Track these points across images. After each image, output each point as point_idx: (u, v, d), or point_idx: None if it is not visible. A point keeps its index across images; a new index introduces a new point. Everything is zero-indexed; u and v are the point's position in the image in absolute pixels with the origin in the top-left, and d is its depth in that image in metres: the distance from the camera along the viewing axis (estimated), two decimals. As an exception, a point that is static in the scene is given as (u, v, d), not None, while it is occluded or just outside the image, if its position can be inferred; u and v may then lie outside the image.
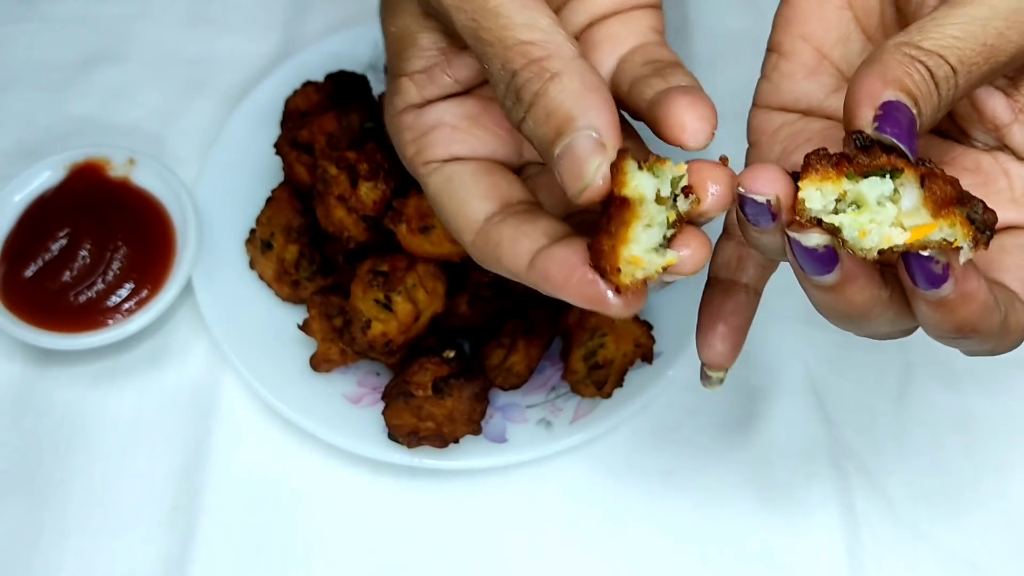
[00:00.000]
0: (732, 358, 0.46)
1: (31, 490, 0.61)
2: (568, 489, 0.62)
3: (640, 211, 0.35)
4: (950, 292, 0.35)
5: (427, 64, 0.43)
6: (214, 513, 0.61)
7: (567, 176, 0.37)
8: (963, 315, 0.36)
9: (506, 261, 0.39)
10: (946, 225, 0.33)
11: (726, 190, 0.37)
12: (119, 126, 0.75)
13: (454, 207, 0.42)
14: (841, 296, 0.37)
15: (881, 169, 0.34)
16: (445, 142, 0.43)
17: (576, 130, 0.36)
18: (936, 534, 0.61)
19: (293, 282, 0.65)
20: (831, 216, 0.35)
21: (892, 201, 0.34)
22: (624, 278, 0.35)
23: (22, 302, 0.63)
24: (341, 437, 0.61)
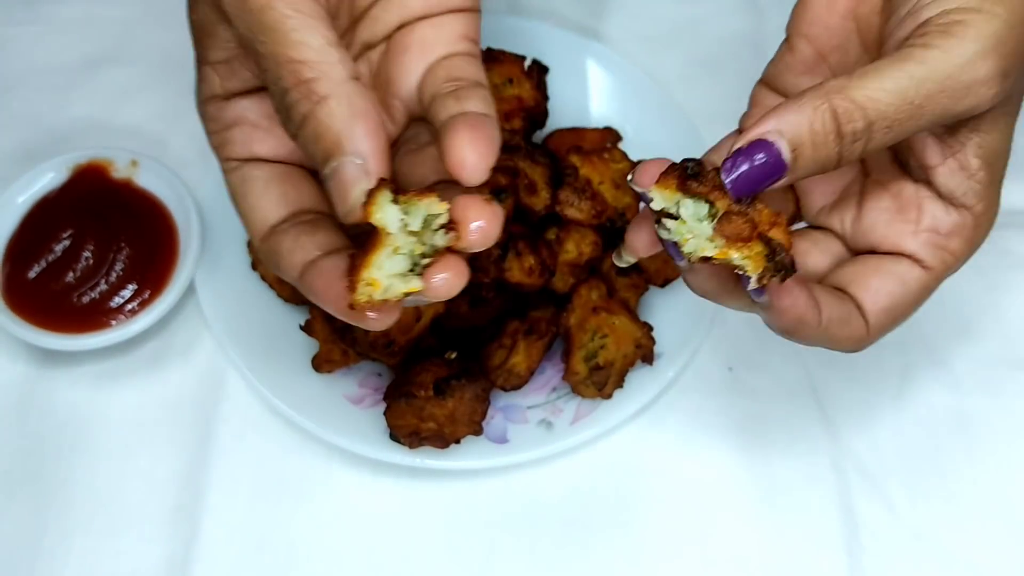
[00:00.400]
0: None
1: (35, 490, 0.61)
2: (569, 490, 0.62)
3: (385, 240, 0.37)
4: (767, 303, 0.42)
5: (226, 56, 0.44)
6: (217, 513, 0.61)
7: (335, 197, 0.39)
8: (781, 322, 0.43)
9: (283, 268, 0.42)
10: (737, 256, 0.39)
11: (490, 226, 0.39)
12: (122, 128, 0.75)
13: (246, 209, 0.44)
14: (693, 278, 0.44)
15: (699, 196, 0.39)
16: (245, 140, 0.44)
17: (343, 155, 0.38)
18: (935, 535, 0.61)
19: (295, 283, 0.65)
20: (669, 221, 0.40)
21: (709, 219, 0.39)
22: (359, 297, 0.37)
23: (25, 303, 0.63)
24: (343, 437, 0.61)
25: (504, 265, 0.59)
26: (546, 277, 0.60)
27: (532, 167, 0.63)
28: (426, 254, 0.38)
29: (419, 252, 0.38)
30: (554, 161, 0.64)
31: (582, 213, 0.62)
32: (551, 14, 0.82)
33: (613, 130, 0.73)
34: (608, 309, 0.61)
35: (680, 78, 0.79)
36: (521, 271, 0.59)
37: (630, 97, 0.75)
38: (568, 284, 0.63)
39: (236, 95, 0.45)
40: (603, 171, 0.64)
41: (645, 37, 0.81)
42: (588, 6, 0.83)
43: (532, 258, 0.59)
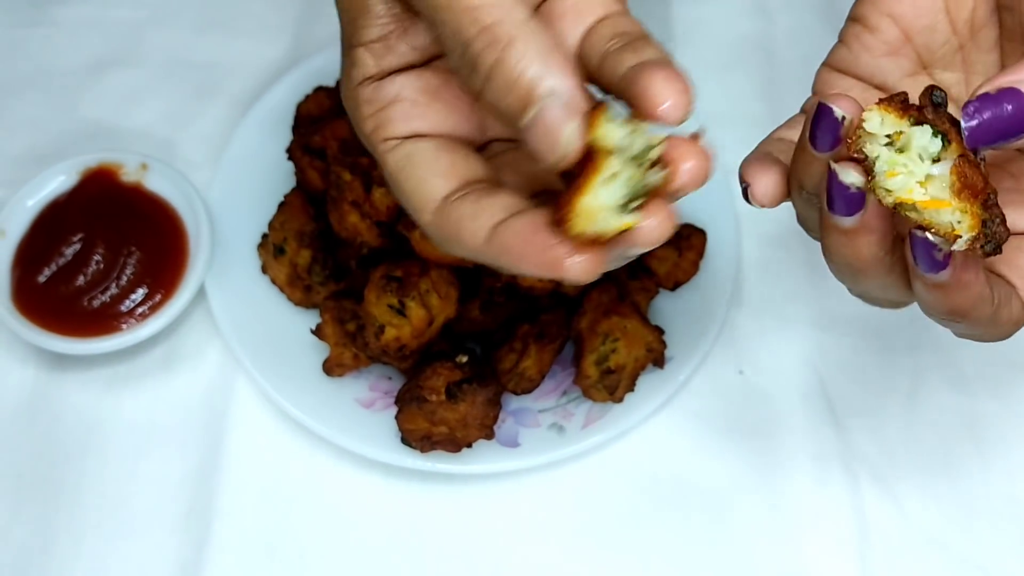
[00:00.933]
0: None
1: (45, 494, 0.61)
2: (580, 493, 0.62)
3: (604, 162, 0.34)
4: (946, 279, 0.37)
5: (382, 32, 0.41)
6: (228, 517, 0.61)
7: (541, 146, 0.36)
8: (956, 301, 0.38)
9: (465, 238, 0.38)
10: (958, 211, 0.34)
11: (701, 166, 0.36)
12: (130, 130, 0.75)
13: (412, 185, 0.41)
14: (852, 243, 0.39)
15: (936, 128, 0.35)
16: (404, 118, 0.42)
17: (542, 98, 0.35)
18: (947, 538, 0.61)
19: (305, 287, 0.65)
20: (875, 147, 0.36)
21: (934, 160, 0.35)
22: (574, 227, 0.34)
23: (36, 307, 0.63)
24: (354, 441, 0.61)
25: (516, 269, 0.59)
26: (557, 281, 0.60)
27: (543, 170, 0.62)
28: (636, 194, 0.35)
29: (637, 183, 0.35)
30: (565, 164, 0.64)
31: (593, 217, 0.62)
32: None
33: (622, 133, 0.73)
34: (619, 313, 0.61)
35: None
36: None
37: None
38: (579, 288, 0.63)
39: (391, 73, 0.42)
40: (614, 174, 0.64)
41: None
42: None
43: (544, 262, 0.59)
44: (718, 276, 0.67)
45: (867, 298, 0.44)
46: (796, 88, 0.78)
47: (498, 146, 0.44)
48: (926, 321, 0.69)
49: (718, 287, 0.67)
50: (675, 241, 0.66)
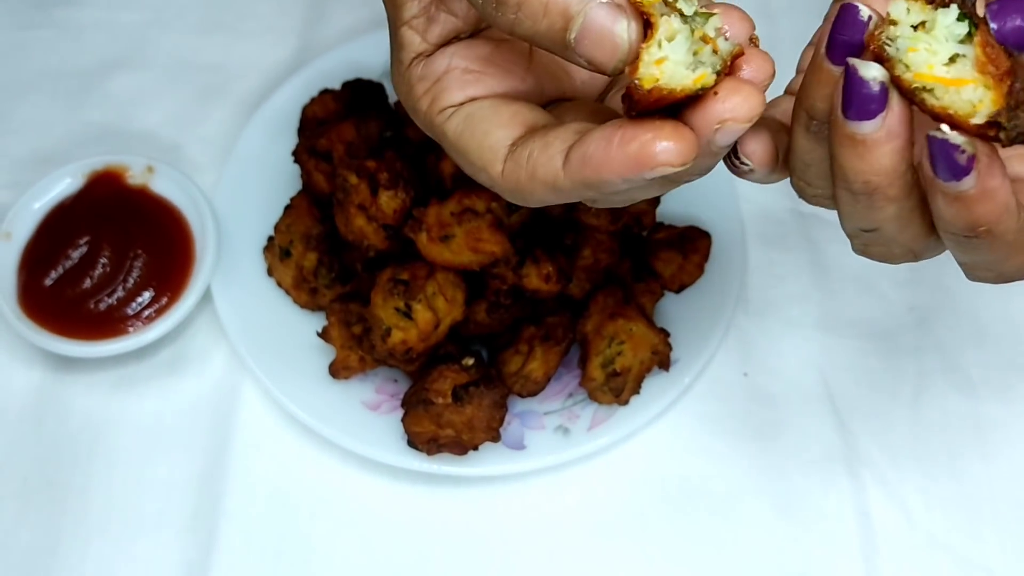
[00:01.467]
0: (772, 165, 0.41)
1: (52, 496, 0.61)
2: (586, 495, 0.63)
3: (658, 21, 0.34)
4: (971, 187, 0.34)
5: (421, 6, 0.41)
6: (234, 519, 0.61)
7: (599, 55, 0.34)
8: (981, 212, 0.35)
9: (540, 172, 0.37)
10: (982, 86, 0.33)
11: (766, 65, 0.36)
12: (136, 133, 0.76)
13: (477, 141, 0.39)
14: (869, 155, 0.35)
15: (962, 12, 0.33)
16: (459, 86, 0.41)
17: (580, 7, 0.34)
18: (952, 541, 0.61)
19: (311, 290, 0.66)
20: (900, 32, 0.34)
21: (958, 42, 0.34)
22: (643, 80, 0.33)
23: (42, 310, 0.64)
24: (360, 444, 0.61)
25: (522, 271, 0.59)
26: (563, 283, 0.60)
27: (549, 174, 0.62)
28: (710, 63, 0.34)
29: (703, 39, 0.34)
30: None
31: (600, 220, 0.62)
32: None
33: (627, 135, 0.73)
34: (625, 315, 0.61)
35: (693, 83, 0.79)
36: (539, 277, 0.59)
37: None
38: (584, 290, 0.63)
39: (440, 46, 0.41)
40: (620, 177, 0.64)
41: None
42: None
43: (549, 265, 0.59)
44: (723, 279, 0.67)
45: (878, 242, 0.40)
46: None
47: (557, 108, 0.43)
48: (931, 324, 0.70)
49: (723, 290, 0.67)
50: (680, 244, 0.66)
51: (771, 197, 0.73)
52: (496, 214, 0.58)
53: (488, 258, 0.58)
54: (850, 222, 0.40)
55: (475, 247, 0.58)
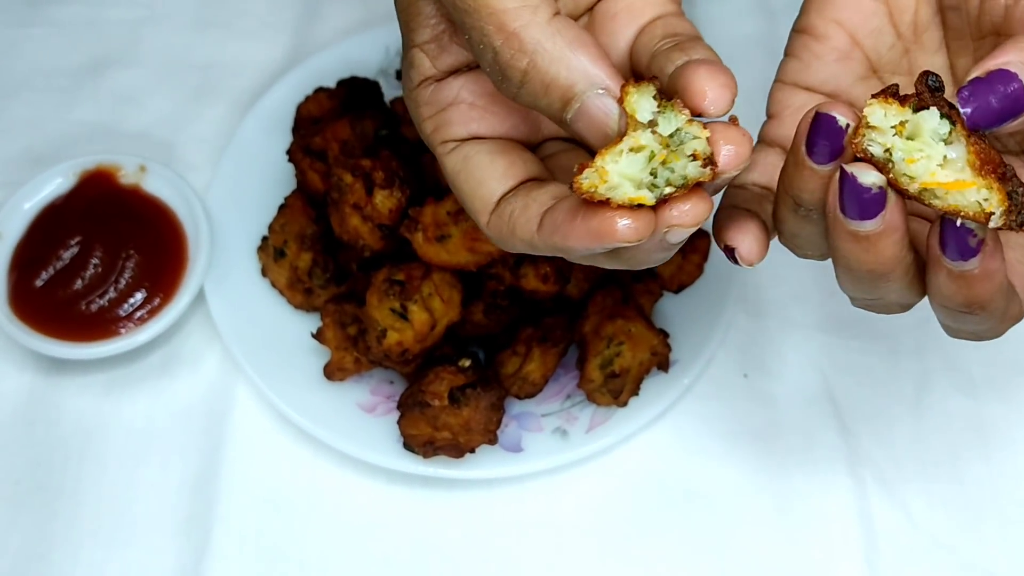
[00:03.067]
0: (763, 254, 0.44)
1: (43, 500, 0.61)
2: (584, 498, 0.62)
3: (631, 128, 0.36)
4: (975, 267, 0.37)
5: (434, 33, 0.42)
6: (228, 523, 0.60)
7: (590, 136, 0.38)
8: (978, 291, 0.38)
9: (519, 230, 0.40)
10: (983, 188, 0.34)
11: (742, 149, 0.37)
12: (128, 132, 0.75)
13: (471, 188, 0.42)
14: (874, 247, 0.38)
15: (940, 110, 0.35)
16: (463, 120, 0.43)
17: (581, 93, 0.37)
18: (953, 542, 0.61)
19: (306, 290, 0.65)
20: (886, 139, 0.36)
21: (944, 142, 0.35)
22: (582, 183, 0.35)
23: (33, 311, 0.63)
24: (355, 446, 0.61)
25: (519, 272, 0.58)
26: (561, 284, 0.60)
27: (547, 173, 0.62)
28: (671, 182, 0.36)
29: (661, 172, 0.36)
30: (568, 166, 0.64)
31: (597, 219, 0.62)
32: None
33: (625, 134, 0.72)
34: (624, 316, 0.61)
35: (691, 81, 0.78)
36: (536, 278, 0.59)
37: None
38: (582, 291, 0.62)
39: (449, 75, 0.43)
40: (618, 176, 0.63)
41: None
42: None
43: (547, 265, 0.59)
44: (722, 279, 0.67)
45: (878, 305, 0.43)
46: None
47: (552, 146, 0.45)
48: (932, 324, 0.69)
49: (722, 290, 0.66)
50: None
51: (770, 197, 0.73)
52: (493, 213, 0.58)
53: (485, 258, 0.58)
54: (851, 294, 0.43)
55: (472, 247, 0.57)
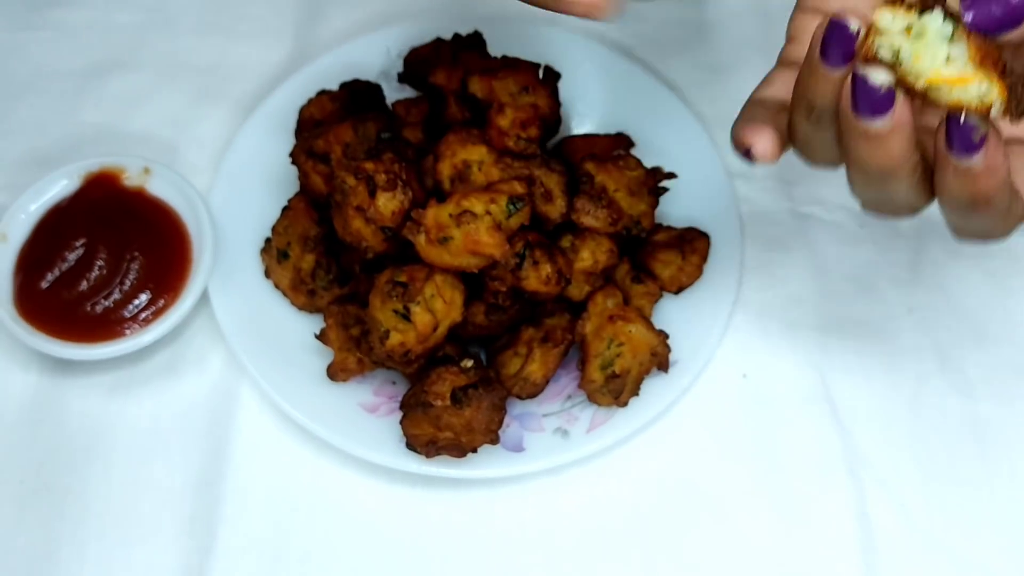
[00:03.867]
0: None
1: (49, 500, 0.61)
2: (585, 497, 0.62)
3: None
4: (979, 162, 0.40)
5: None
6: (232, 522, 0.61)
7: None
8: (983, 186, 0.41)
9: None
10: (984, 79, 0.38)
11: None
12: (132, 134, 0.75)
13: None
14: (883, 146, 0.41)
15: (945, 12, 0.38)
16: None
17: None
18: (951, 542, 0.61)
19: (309, 291, 0.65)
20: (895, 40, 0.39)
21: (948, 42, 0.38)
22: None
23: (38, 312, 0.63)
24: (358, 446, 0.61)
25: (521, 274, 0.59)
26: (563, 285, 0.60)
27: (548, 175, 0.62)
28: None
29: None
30: (569, 169, 0.64)
31: (598, 221, 0.62)
32: (560, 19, 0.82)
33: (625, 136, 0.73)
34: (624, 317, 0.61)
35: (690, 83, 0.79)
36: (538, 280, 0.59)
37: (640, 102, 0.75)
38: (583, 292, 0.63)
39: None
40: (618, 178, 0.64)
41: (654, 41, 0.81)
42: (598, 11, 0.82)
43: (549, 266, 0.59)
44: (721, 280, 0.67)
45: (887, 207, 0.46)
46: (798, 91, 0.79)
47: None
48: (930, 324, 0.70)
49: (721, 291, 0.67)
50: (679, 245, 0.66)
51: (769, 199, 0.73)
52: (495, 216, 0.58)
53: (487, 260, 0.58)
54: (862, 195, 0.46)
55: (474, 249, 0.58)
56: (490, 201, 0.59)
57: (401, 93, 0.74)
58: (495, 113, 0.62)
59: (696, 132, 0.73)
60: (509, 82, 0.63)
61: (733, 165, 0.74)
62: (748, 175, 0.74)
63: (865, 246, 0.71)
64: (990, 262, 0.71)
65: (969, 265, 0.71)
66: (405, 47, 0.75)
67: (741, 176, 0.74)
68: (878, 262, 0.71)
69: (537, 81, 0.64)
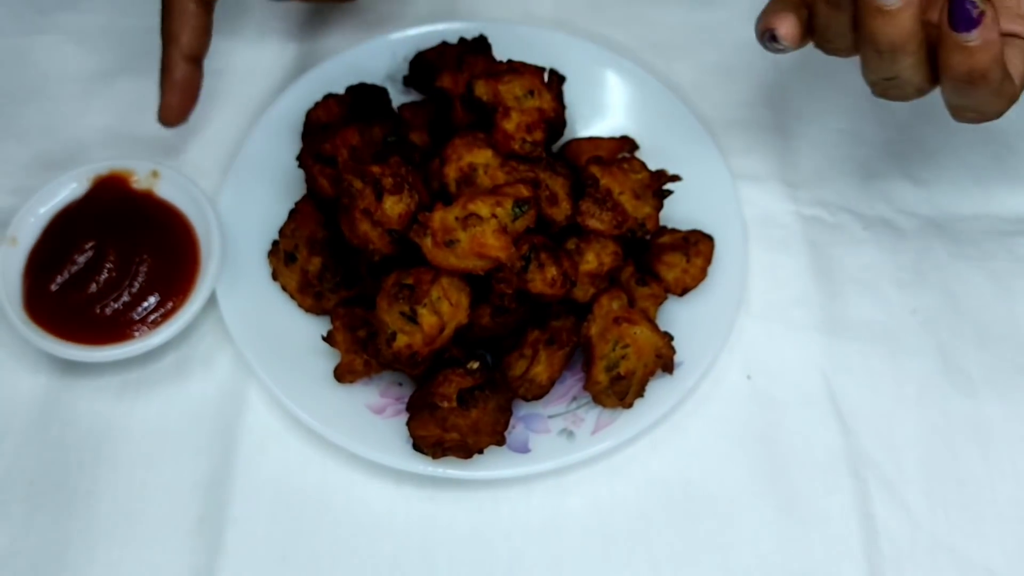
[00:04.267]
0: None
1: (58, 501, 0.62)
2: (590, 499, 0.63)
3: None
4: (976, 38, 0.48)
5: None
6: (240, 523, 0.61)
7: None
8: (979, 60, 0.49)
9: None
10: None
11: None
12: (139, 138, 0.75)
13: None
14: (894, 20, 0.49)
15: None
16: None
17: None
18: (955, 542, 0.62)
19: (316, 294, 0.66)
20: None
21: None
22: None
23: (47, 314, 0.64)
24: (365, 447, 0.61)
25: (527, 276, 0.59)
26: (568, 288, 0.61)
27: (553, 178, 0.63)
28: None
29: None
30: (574, 172, 0.64)
31: (603, 224, 0.63)
32: (565, 23, 0.82)
33: (630, 139, 0.73)
34: (629, 319, 0.62)
35: (694, 86, 0.79)
36: (544, 282, 0.60)
37: (644, 105, 0.75)
38: (589, 294, 0.63)
39: None
40: (623, 181, 0.64)
41: (658, 45, 0.81)
42: (602, 14, 0.83)
43: (555, 269, 0.60)
44: (726, 282, 0.68)
45: (895, 85, 0.54)
46: (801, 93, 0.80)
47: None
48: (933, 325, 0.70)
49: (726, 292, 0.67)
50: (683, 247, 0.67)
51: (773, 201, 0.74)
52: (501, 219, 0.59)
53: (493, 263, 0.59)
54: (874, 74, 0.54)
55: (480, 252, 0.58)
56: (496, 204, 0.59)
57: (406, 96, 0.75)
58: (501, 117, 0.63)
59: (700, 135, 0.74)
60: (514, 86, 0.63)
61: (737, 168, 0.74)
62: (752, 177, 0.75)
63: (868, 248, 0.72)
64: (993, 263, 0.71)
65: (972, 266, 0.71)
66: (410, 51, 0.76)
67: (745, 178, 0.74)
68: (881, 264, 0.71)
69: (542, 85, 0.64)
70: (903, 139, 0.77)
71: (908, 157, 0.76)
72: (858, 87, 0.79)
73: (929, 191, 0.75)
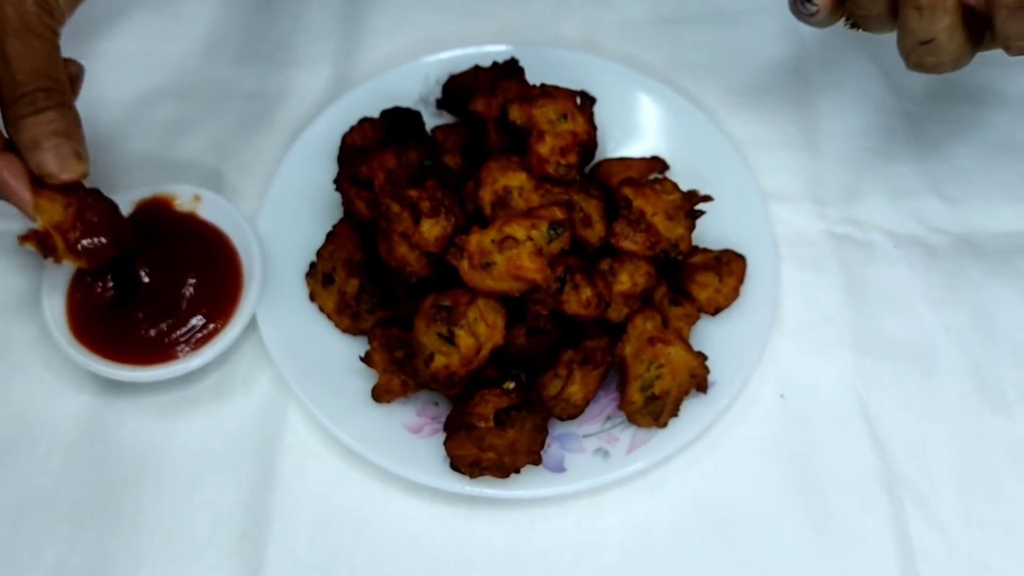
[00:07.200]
0: None
1: (102, 520, 0.63)
2: (625, 518, 0.63)
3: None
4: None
5: None
6: (281, 541, 0.62)
7: None
8: None
9: None
10: None
11: None
12: (177, 162, 0.77)
13: None
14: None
15: None
16: None
17: None
18: (990, 560, 0.62)
19: (353, 314, 0.67)
20: None
21: None
22: None
23: (92, 334, 0.65)
24: (403, 466, 0.62)
25: (562, 297, 0.60)
26: (602, 308, 0.61)
27: (587, 200, 0.64)
28: None
29: None
30: (607, 194, 0.65)
31: (637, 245, 0.63)
32: (594, 45, 0.83)
33: (661, 159, 0.74)
34: (664, 339, 0.62)
35: (723, 105, 0.80)
36: (579, 303, 0.60)
37: (674, 125, 0.76)
38: (623, 314, 0.64)
39: None
40: (655, 202, 0.65)
41: (687, 65, 0.82)
42: (631, 36, 0.84)
43: (589, 290, 0.60)
44: (758, 301, 0.68)
45: (931, 54, 0.54)
46: (831, 111, 0.80)
47: None
48: (966, 344, 0.70)
49: (759, 312, 0.68)
50: (716, 267, 0.67)
51: (804, 220, 0.74)
52: (536, 241, 0.59)
53: (528, 285, 0.59)
54: (912, 36, 0.54)
55: (516, 274, 0.59)
56: (531, 227, 0.60)
57: (438, 119, 0.76)
58: (535, 141, 0.64)
59: (730, 155, 0.74)
60: (548, 110, 0.64)
61: (767, 187, 0.75)
62: (783, 196, 0.75)
63: (900, 266, 0.72)
64: (1026, 283, 0.71)
65: (1005, 285, 0.71)
66: (443, 74, 0.77)
67: (775, 197, 0.75)
68: (914, 282, 0.71)
69: (575, 108, 0.65)
70: (933, 157, 0.77)
71: (938, 175, 0.76)
72: (887, 105, 0.80)
73: (960, 209, 0.75)
